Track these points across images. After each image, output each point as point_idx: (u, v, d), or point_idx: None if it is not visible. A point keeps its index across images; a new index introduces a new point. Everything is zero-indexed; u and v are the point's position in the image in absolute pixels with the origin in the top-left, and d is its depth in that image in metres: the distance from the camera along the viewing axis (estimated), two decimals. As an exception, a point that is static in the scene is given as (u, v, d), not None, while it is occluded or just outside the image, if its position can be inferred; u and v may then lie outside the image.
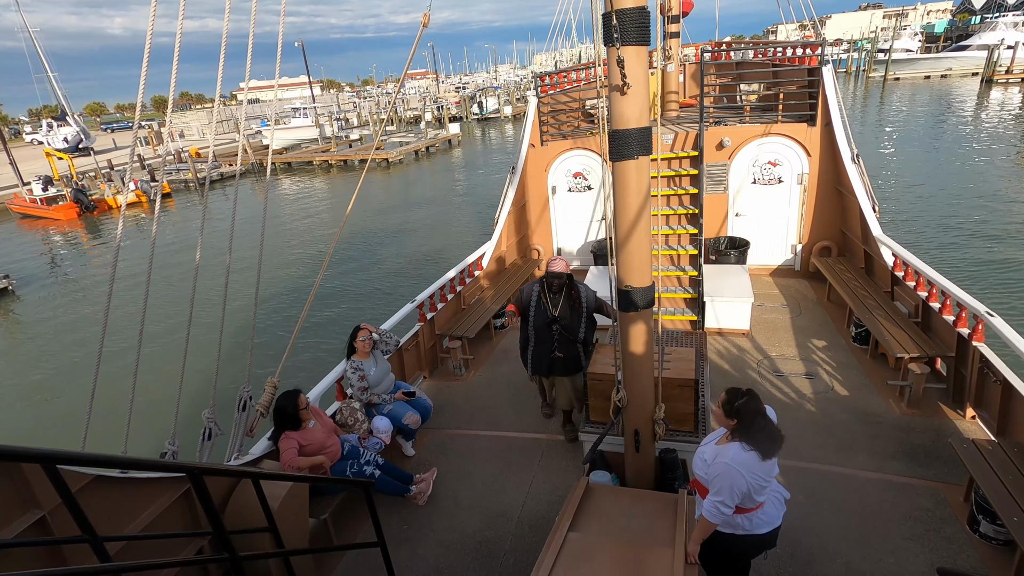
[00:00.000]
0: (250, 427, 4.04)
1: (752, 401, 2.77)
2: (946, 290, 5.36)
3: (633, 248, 3.21)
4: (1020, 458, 3.80)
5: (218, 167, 35.92)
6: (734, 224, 8.47)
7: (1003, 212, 15.15)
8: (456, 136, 41.68)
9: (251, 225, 18.80)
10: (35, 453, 1.55)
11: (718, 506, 2.76)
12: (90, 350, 12.74)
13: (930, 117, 31.91)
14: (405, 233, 19.75)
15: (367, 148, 39.35)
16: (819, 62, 7.73)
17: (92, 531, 1.72)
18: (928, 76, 50.15)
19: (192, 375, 3.77)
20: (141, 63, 3.03)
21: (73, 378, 11.64)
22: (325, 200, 27.69)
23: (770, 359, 6.26)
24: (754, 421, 2.73)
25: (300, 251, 18.87)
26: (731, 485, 2.72)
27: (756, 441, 2.71)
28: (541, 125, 8.74)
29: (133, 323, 8.67)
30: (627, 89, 2.88)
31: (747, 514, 2.84)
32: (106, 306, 3.18)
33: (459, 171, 32.38)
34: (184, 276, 16.68)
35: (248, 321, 4.41)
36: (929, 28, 73.12)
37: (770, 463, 2.76)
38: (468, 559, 4.00)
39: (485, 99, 57.62)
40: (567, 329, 4.72)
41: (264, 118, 51.30)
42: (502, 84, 72.10)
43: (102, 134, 63.89)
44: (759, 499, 2.82)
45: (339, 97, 78.25)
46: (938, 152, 22.91)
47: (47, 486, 1.87)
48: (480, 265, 8.25)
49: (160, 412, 7.17)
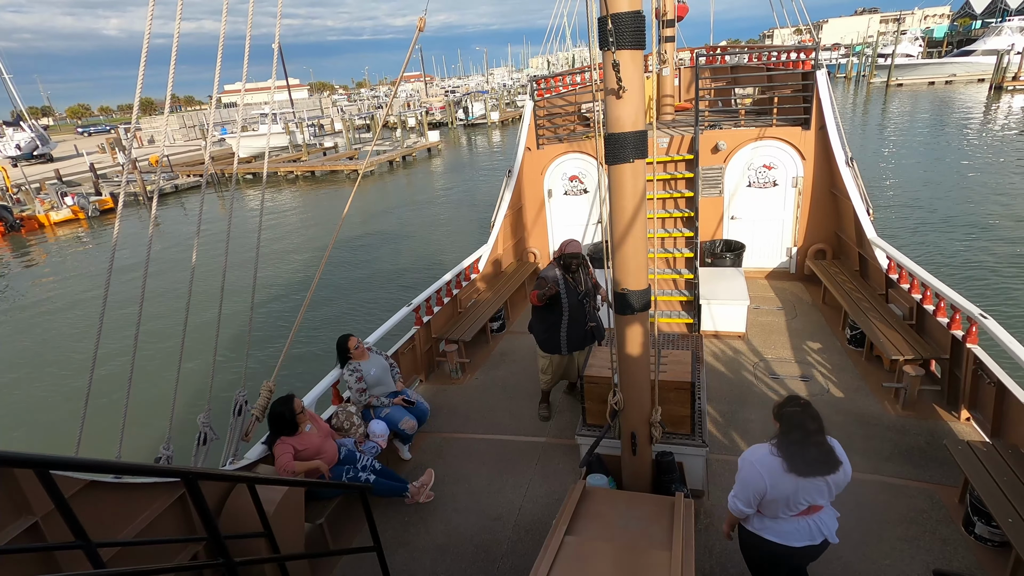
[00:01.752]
0: (246, 431, 4.02)
1: (800, 414, 2.68)
2: (940, 292, 5.39)
3: (629, 251, 3.21)
4: (1014, 459, 3.81)
5: (174, 178, 33.22)
6: (729, 227, 8.50)
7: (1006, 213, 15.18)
8: (436, 144, 39.15)
9: (210, 238, 18.06)
10: (28, 458, 1.54)
11: (733, 498, 2.84)
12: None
13: (939, 125, 30.50)
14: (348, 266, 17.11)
15: (337, 158, 36.64)
16: (813, 66, 7.78)
17: (86, 537, 1.70)
18: (932, 82, 48.91)
19: (187, 379, 3.75)
20: (136, 64, 3.02)
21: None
22: (287, 214, 25.16)
23: (766, 361, 6.27)
24: (790, 431, 2.67)
25: (295, 256, 18.77)
26: (746, 481, 2.74)
27: (785, 450, 2.66)
28: (537, 128, 8.76)
29: (118, 328, 8.44)
30: (622, 93, 2.88)
31: (760, 515, 2.86)
32: (101, 310, 3.16)
33: (438, 183, 29.70)
34: (131, 299, 15.68)
35: (243, 325, 4.40)
36: (927, 33, 72.04)
37: (807, 484, 2.65)
38: (465, 563, 3.99)
39: (471, 104, 54.61)
40: (591, 298, 5.27)
41: (227, 125, 47.96)
42: (489, 88, 70.03)
43: (79, 138, 60.96)
44: (788, 514, 2.76)
45: (322, 101, 75.16)
46: (951, 162, 22.00)
47: (40, 492, 1.86)
48: (476, 268, 8.25)
49: (155, 417, 7.13)
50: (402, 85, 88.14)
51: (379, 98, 76.97)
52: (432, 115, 54.04)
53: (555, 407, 5.75)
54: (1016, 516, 3.35)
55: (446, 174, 32.24)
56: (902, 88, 48.71)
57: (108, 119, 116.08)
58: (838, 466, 2.68)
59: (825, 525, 2.82)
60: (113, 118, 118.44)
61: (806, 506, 2.74)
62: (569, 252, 5.06)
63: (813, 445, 2.65)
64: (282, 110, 45.57)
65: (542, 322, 5.29)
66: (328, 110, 64.92)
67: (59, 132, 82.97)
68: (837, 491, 2.77)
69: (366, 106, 68.26)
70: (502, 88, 70.58)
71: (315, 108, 62.33)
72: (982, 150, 23.58)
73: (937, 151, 24.41)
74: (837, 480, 2.71)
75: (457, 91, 70.78)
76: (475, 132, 50.17)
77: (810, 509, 2.77)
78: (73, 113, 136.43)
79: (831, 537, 2.85)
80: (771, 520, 2.82)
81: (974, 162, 21.64)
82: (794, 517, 2.78)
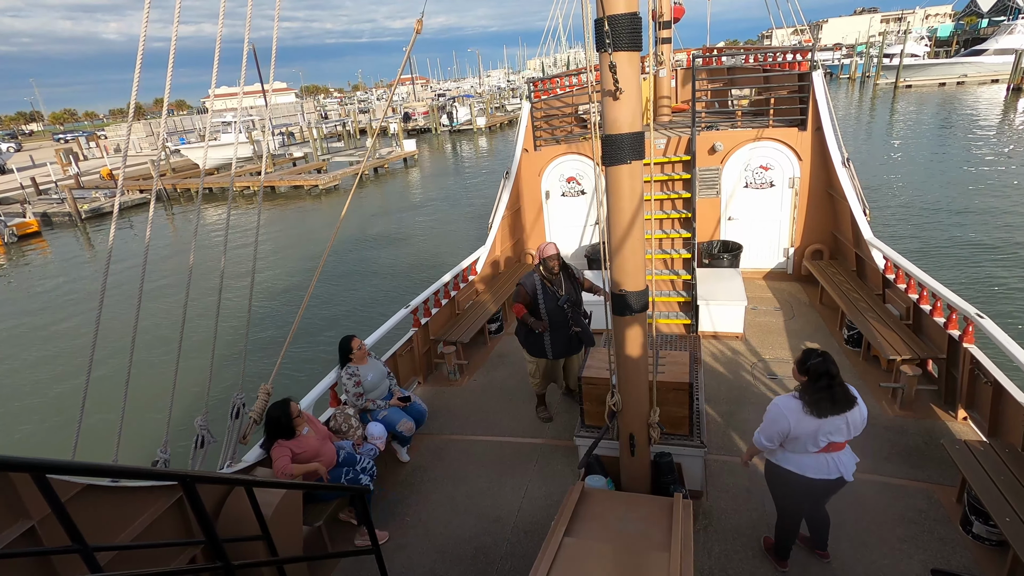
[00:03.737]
0: (243, 434, 4.01)
1: (823, 363, 3.07)
2: (936, 292, 5.40)
3: (627, 252, 3.21)
4: (1011, 459, 3.82)
5: (120, 194, 31.15)
6: (727, 228, 8.52)
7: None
8: (412, 154, 35.34)
9: (159, 259, 16.46)
10: (24, 462, 1.53)
11: (758, 434, 3.33)
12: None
13: (956, 128, 27.52)
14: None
15: (303, 169, 32.27)
16: (809, 67, 7.81)
17: (82, 541, 1.69)
18: (943, 83, 46.23)
19: (184, 382, 3.74)
20: (135, 67, 3.02)
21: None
22: (239, 235, 21.22)
23: (764, 362, 6.28)
24: (819, 378, 3.07)
25: (290, 264, 18.68)
26: (770, 421, 3.23)
27: (810, 395, 3.08)
28: (535, 130, 8.78)
29: (114, 334, 8.42)
30: (619, 94, 2.89)
31: (784, 451, 3.30)
32: (97, 314, 3.15)
33: (407, 199, 25.65)
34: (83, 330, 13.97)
35: (241, 329, 4.39)
36: (932, 32, 68.97)
37: (827, 422, 3.06)
38: (464, 565, 3.98)
39: (455, 108, 50.75)
40: (576, 304, 5.16)
41: (184, 134, 44.28)
42: (475, 92, 65.68)
43: (56, 145, 54.67)
44: (812, 450, 3.18)
45: (304, 106, 68.64)
46: (977, 171, 19.58)
47: (36, 496, 1.85)
48: (474, 270, 8.25)
49: (152, 420, 7.11)
50: (398, 88, 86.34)
51: (366, 102, 72.38)
52: (415, 120, 50.87)
53: (553, 409, 5.75)
54: (1013, 515, 3.36)
55: (420, 188, 28.67)
56: (911, 89, 46.50)
57: (93, 124, 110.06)
58: (855, 403, 3.11)
59: (842, 463, 3.23)
60: (105, 122, 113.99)
61: (826, 443, 3.14)
62: (547, 256, 5.01)
63: (838, 387, 3.08)
64: (246, 117, 41.20)
65: (525, 326, 5.28)
66: (310, 115, 60.09)
67: (43, 138, 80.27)
68: (855, 432, 3.16)
69: (348, 111, 61.76)
70: (496, 90, 67.96)
71: (293, 114, 56.75)
72: (1012, 158, 21.14)
73: (961, 157, 21.92)
74: (854, 419, 3.11)
75: (447, 94, 65.66)
76: (461, 138, 46.65)
77: (830, 446, 3.17)
78: (56, 119, 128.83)
79: (847, 475, 3.24)
80: (793, 454, 3.25)
81: (1003, 169, 19.62)
82: (816, 453, 3.19)
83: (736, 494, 4.36)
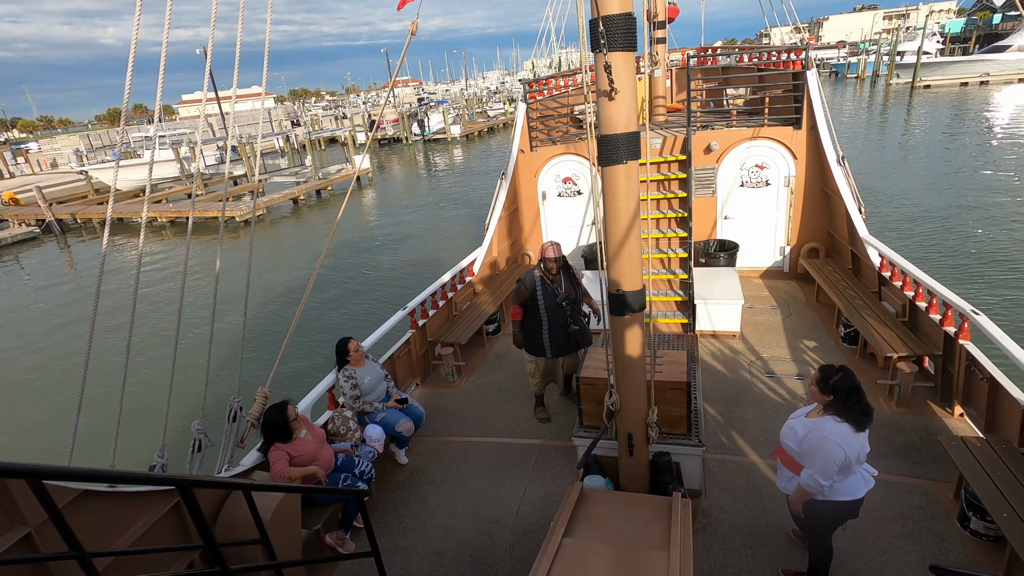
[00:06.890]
0: (241, 438, 3.99)
1: (847, 377, 2.94)
2: (932, 289, 5.43)
3: (624, 252, 3.22)
4: (1008, 454, 3.84)
5: (4, 226, 24.54)
6: (723, 227, 8.54)
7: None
8: (366, 171, 30.42)
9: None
10: (20, 468, 1.52)
11: (815, 478, 2.96)
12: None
13: (1000, 136, 23.03)
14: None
15: (233, 192, 26.78)
16: (803, 66, 7.84)
17: (79, 547, 1.69)
18: (965, 83, 42.90)
19: (181, 386, 3.73)
20: (137, 72, 3.01)
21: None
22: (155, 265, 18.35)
23: (762, 360, 6.30)
24: (849, 395, 2.91)
25: (286, 272, 18.67)
26: (828, 457, 2.89)
27: (851, 414, 2.90)
28: (531, 131, 8.78)
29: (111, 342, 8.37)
30: (615, 94, 2.89)
31: (833, 483, 3.03)
32: (92, 317, 3.14)
33: (347, 235, 19.94)
34: None
35: (238, 332, 4.37)
36: (942, 28, 63.29)
37: (863, 436, 2.95)
38: (463, 567, 3.98)
39: (427, 116, 46.26)
40: (575, 303, 5.20)
41: (116, 148, 38.45)
42: (462, 95, 60.13)
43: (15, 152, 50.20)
44: (858, 469, 3.01)
45: (272, 113, 59.38)
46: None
47: (33, 502, 1.84)
48: (472, 271, 8.24)
49: (149, 424, 7.09)
50: (379, 92, 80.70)
51: (346, 107, 65.89)
52: (383, 129, 46.10)
53: (551, 409, 5.75)
54: (1010, 511, 3.37)
55: (374, 214, 23.33)
56: (928, 90, 43.24)
57: (67, 131, 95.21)
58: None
59: (867, 469, 3.11)
60: (89, 127, 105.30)
61: (866, 455, 3.01)
62: (548, 256, 5.10)
63: (864, 398, 2.96)
64: (164, 132, 34.71)
65: (524, 324, 5.32)
66: (283, 123, 52.83)
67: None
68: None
69: (313, 118, 55.35)
70: (486, 92, 63.78)
71: (255, 123, 47.19)
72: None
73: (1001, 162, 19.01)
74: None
75: (426, 98, 58.74)
76: (434, 149, 41.92)
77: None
78: (24, 127, 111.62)
79: (871, 479, 3.13)
80: (843, 482, 3.01)
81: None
82: (857, 471, 3.03)
83: (735, 493, 4.37)
